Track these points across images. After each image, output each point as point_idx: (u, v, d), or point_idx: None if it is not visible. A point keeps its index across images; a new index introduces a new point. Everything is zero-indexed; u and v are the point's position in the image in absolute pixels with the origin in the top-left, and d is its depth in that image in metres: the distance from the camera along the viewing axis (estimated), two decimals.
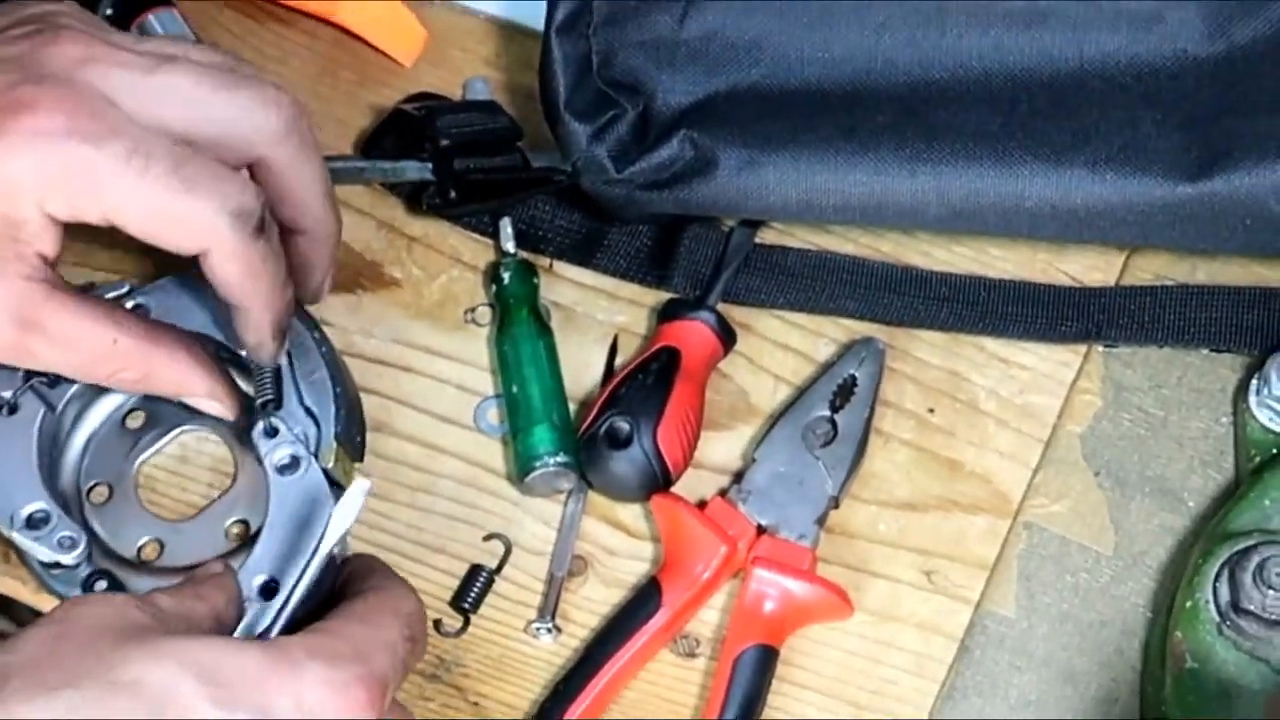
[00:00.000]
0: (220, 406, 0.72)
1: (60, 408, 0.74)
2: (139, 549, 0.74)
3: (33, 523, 0.71)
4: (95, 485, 0.75)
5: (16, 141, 0.64)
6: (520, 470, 0.75)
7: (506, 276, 0.78)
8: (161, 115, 0.66)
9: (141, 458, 0.76)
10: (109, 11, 0.83)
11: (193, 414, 0.74)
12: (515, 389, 0.76)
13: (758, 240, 0.79)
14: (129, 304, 0.74)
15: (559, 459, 0.74)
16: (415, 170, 0.78)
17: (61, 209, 0.65)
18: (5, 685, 0.54)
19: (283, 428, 0.71)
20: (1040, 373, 0.78)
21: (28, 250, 0.65)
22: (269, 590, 0.67)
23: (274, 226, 0.68)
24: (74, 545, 0.71)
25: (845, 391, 0.75)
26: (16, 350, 0.67)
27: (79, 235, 0.67)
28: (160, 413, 0.76)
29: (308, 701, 0.57)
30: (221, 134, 0.67)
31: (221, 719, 0.55)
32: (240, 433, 0.74)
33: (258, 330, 0.70)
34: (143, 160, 0.64)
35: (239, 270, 0.67)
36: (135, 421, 0.76)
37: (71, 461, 0.75)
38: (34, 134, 0.63)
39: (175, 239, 0.66)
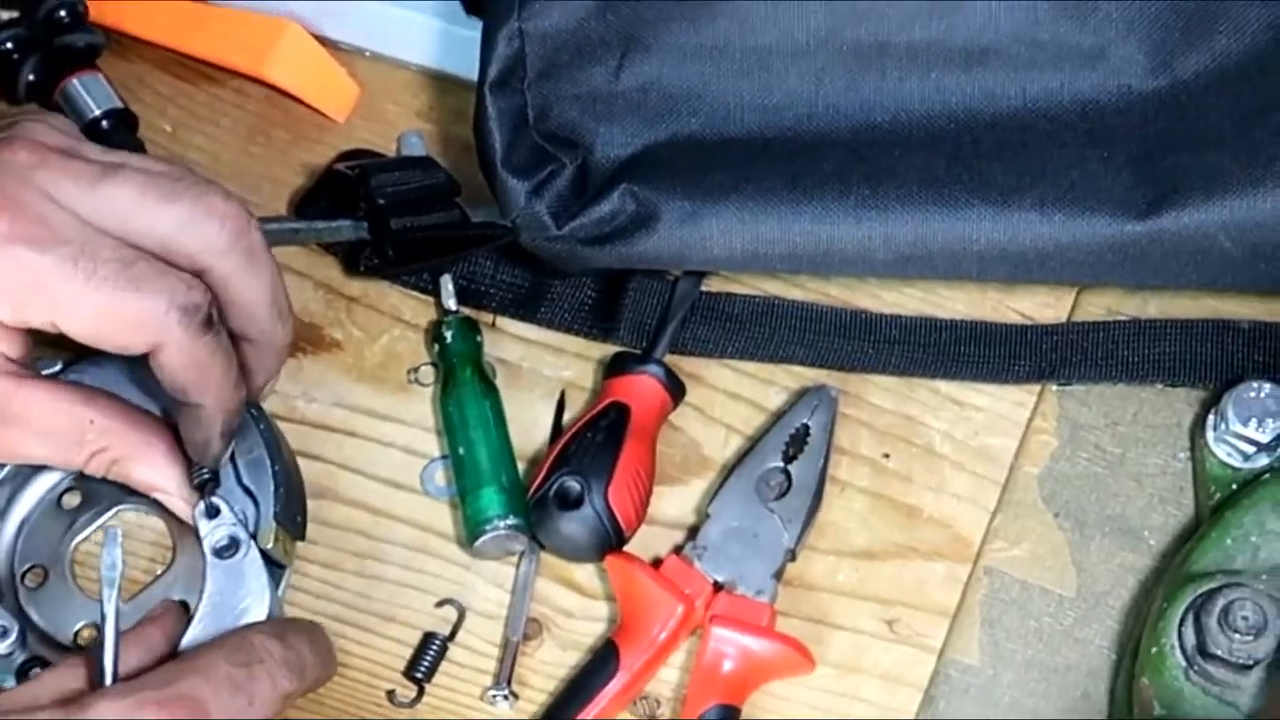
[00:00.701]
0: (185, 507, 0.70)
1: None
2: (76, 633, 0.72)
3: None
4: (30, 569, 0.73)
5: None
6: (470, 534, 0.73)
7: (449, 335, 0.77)
8: (105, 224, 0.65)
9: (78, 538, 0.74)
10: (30, 77, 0.81)
11: (130, 492, 0.72)
12: (462, 451, 0.75)
13: (704, 287, 0.78)
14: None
15: (509, 521, 0.73)
16: (350, 229, 0.76)
17: (7, 314, 0.64)
18: None
19: (224, 508, 0.69)
20: (995, 413, 0.77)
21: None
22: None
23: (222, 327, 0.67)
24: (5, 634, 0.69)
25: (798, 441, 0.74)
26: None
27: None
28: (97, 491, 0.74)
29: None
30: (165, 244, 0.66)
31: None
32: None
33: (207, 428, 0.68)
34: (89, 263, 0.64)
35: (188, 365, 0.65)
36: (72, 500, 0.74)
37: (4, 546, 0.73)
38: None
39: (123, 339, 0.64)
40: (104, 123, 0.81)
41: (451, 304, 0.78)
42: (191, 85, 0.84)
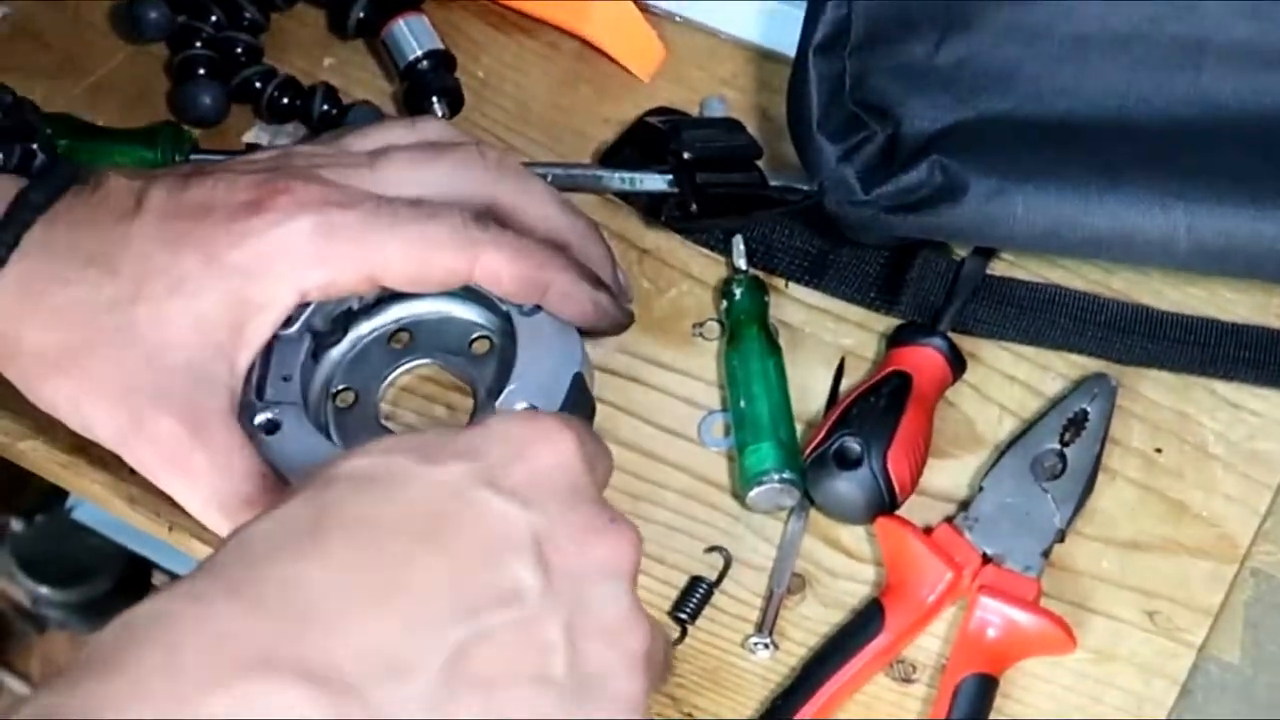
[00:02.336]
0: None
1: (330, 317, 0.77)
2: None
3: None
4: (344, 389, 0.77)
5: (278, 216, 0.68)
6: (745, 485, 0.75)
7: (738, 292, 0.79)
8: (387, 191, 0.70)
9: (395, 373, 0.78)
10: (360, 15, 0.85)
11: (453, 353, 0.78)
12: (743, 404, 0.77)
13: (987, 272, 0.80)
14: None
15: (784, 475, 0.75)
16: (655, 181, 0.79)
17: (320, 276, 0.68)
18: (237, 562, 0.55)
19: None
20: (1271, 419, 0.77)
21: (258, 332, 0.69)
22: None
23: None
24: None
25: (1075, 426, 0.75)
26: (153, 473, 0.68)
27: None
28: (426, 341, 0.79)
29: (501, 436, 0.58)
30: (444, 192, 0.71)
31: (435, 468, 0.56)
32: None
33: (579, 296, 0.72)
34: (390, 209, 0.69)
35: (512, 257, 0.70)
36: (402, 339, 0.79)
37: (333, 361, 0.78)
38: (294, 207, 0.68)
39: (441, 261, 0.69)
40: (424, 62, 0.85)
41: (742, 263, 0.80)
42: (505, 35, 0.88)
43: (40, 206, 0.68)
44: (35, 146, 0.73)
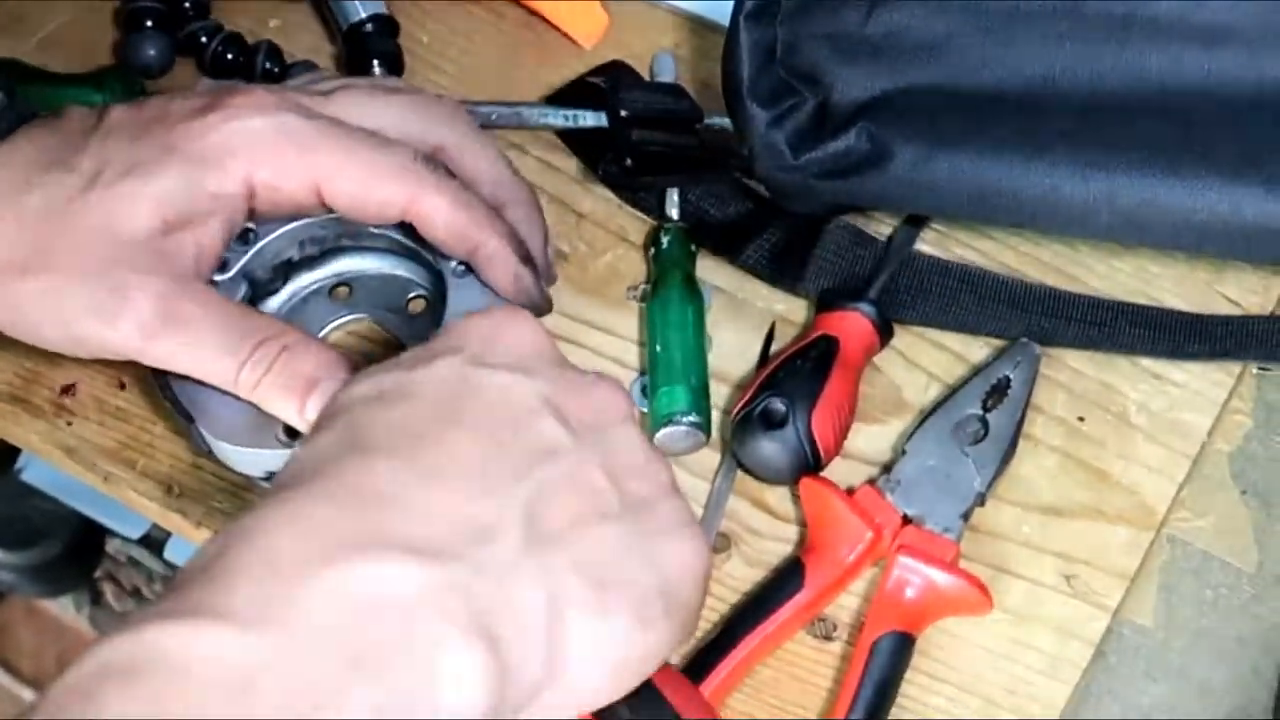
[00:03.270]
0: None
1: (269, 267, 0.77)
2: None
3: None
4: None
5: (233, 111, 0.70)
6: (654, 426, 0.77)
7: (665, 240, 0.81)
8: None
9: (331, 326, 0.80)
10: None
11: (391, 311, 0.79)
12: (659, 348, 0.78)
13: (914, 248, 0.81)
14: None
15: (691, 419, 0.76)
16: (592, 118, 0.81)
17: (268, 174, 0.69)
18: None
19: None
20: (1192, 390, 0.78)
21: (208, 229, 0.70)
22: None
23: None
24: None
25: (999, 392, 0.76)
26: (149, 338, 0.69)
27: None
28: (367, 298, 0.80)
29: (472, 328, 0.61)
30: (397, 129, 0.73)
31: (428, 368, 0.59)
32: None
33: (505, 261, 0.73)
34: (344, 130, 0.71)
35: (452, 204, 0.71)
36: (342, 293, 0.80)
37: (273, 309, 0.78)
38: (251, 107, 0.70)
39: (384, 191, 0.70)
40: (368, 25, 0.86)
41: (674, 214, 0.81)
42: (451, 2, 0.89)
43: (3, 132, 0.70)
44: None
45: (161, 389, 0.73)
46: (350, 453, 0.56)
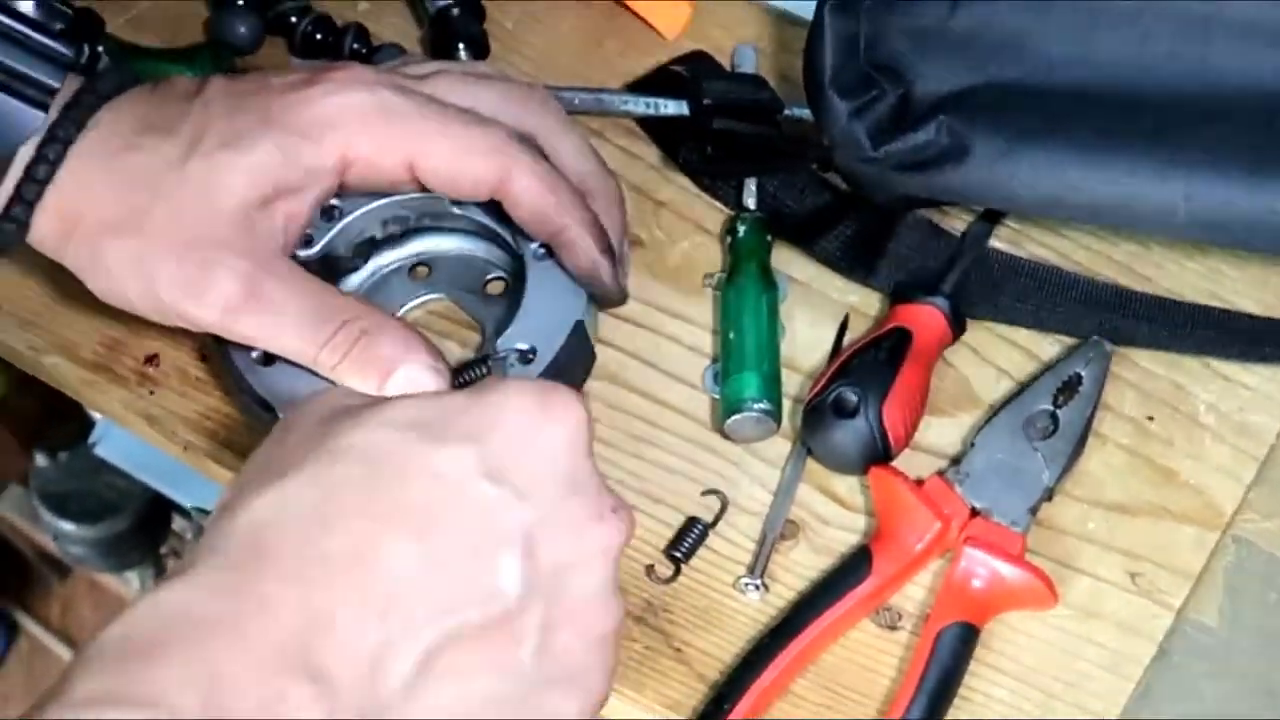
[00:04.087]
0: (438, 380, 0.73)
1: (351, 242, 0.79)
2: None
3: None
4: None
5: (331, 86, 0.71)
6: (725, 412, 0.78)
7: (742, 229, 0.82)
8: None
9: (411, 304, 0.81)
10: None
11: (470, 292, 0.80)
12: (732, 335, 0.79)
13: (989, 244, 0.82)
14: None
15: (762, 405, 0.77)
16: (674, 107, 0.82)
17: (365, 148, 0.71)
18: (242, 491, 0.59)
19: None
20: (1262, 393, 0.79)
21: (300, 202, 0.71)
22: (526, 358, 0.74)
23: None
24: None
25: (1069, 388, 0.77)
26: (231, 315, 0.70)
27: None
28: (446, 276, 0.81)
29: (509, 416, 0.60)
30: (490, 109, 0.74)
31: (437, 453, 0.59)
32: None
33: (585, 249, 0.74)
34: (440, 108, 0.72)
35: (540, 186, 0.72)
36: (422, 273, 0.81)
37: (353, 286, 0.80)
38: (351, 81, 0.72)
39: (477, 168, 0.72)
40: (454, 9, 0.87)
41: (751, 203, 0.82)
42: None
43: (106, 94, 0.71)
44: (101, 50, 0.76)
45: (236, 381, 0.75)
46: (308, 531, 0.57)
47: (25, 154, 0.69)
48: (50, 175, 0.69)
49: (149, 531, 1.60)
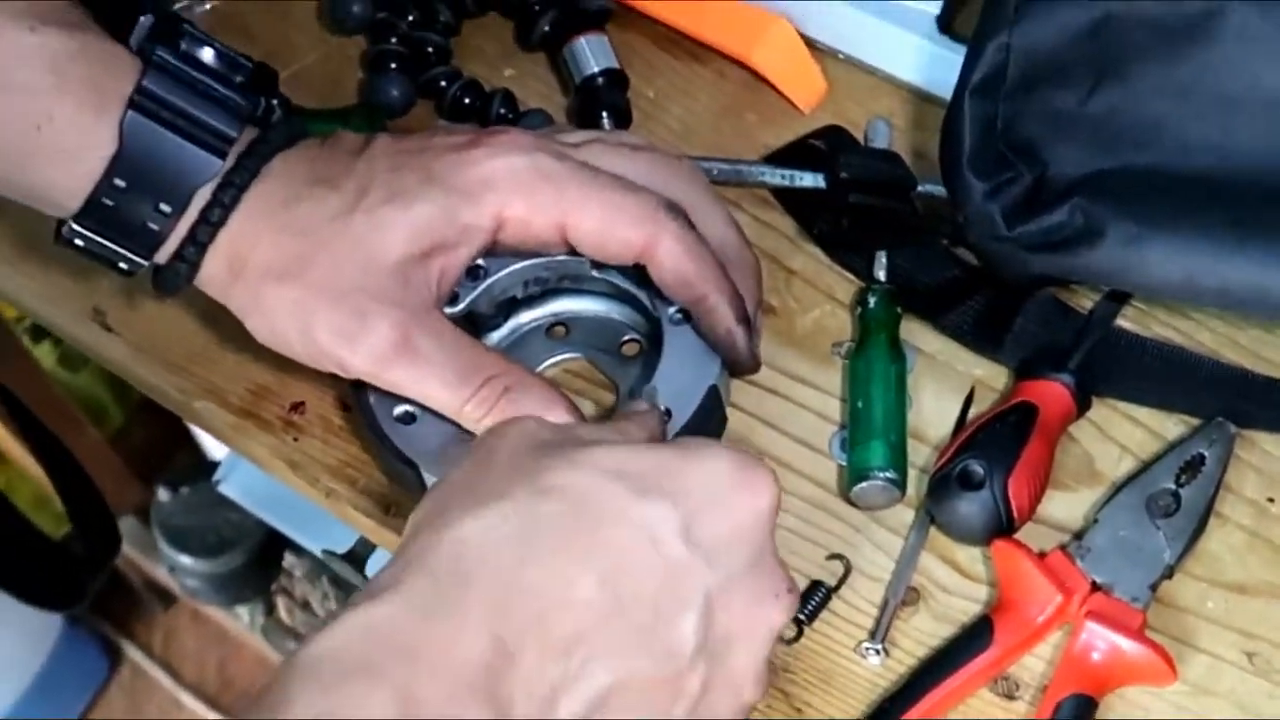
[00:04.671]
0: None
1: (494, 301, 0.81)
2: None
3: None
4: None
5: (492, 149, 0.74)
6: (851, 480, 0.80)
7: (872, 301, 0.84)
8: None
9: (548, 363, 0.84)
10: (545, 29, 0.91)
11: (603, 350, 0.83)
12: (860, 404, 0.81)
13: (1116, 324, 0.83)
14: None
15: (888, 475, 0.79)
16: (809, 179, 0.84)
17: (521, 209, 0.74)
18: (447, 508, 0.63)
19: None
20: None
21: (454, 259, 0.74)
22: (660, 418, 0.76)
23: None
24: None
25: (1192, 468, 0.78)
26: (383, 364, 0.73)
27: None
28: (582, 337, 0.84)
29: (711, 480, 0.64)
30: (640, 178, 0.76)
31: (640, 505, 0.62)
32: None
33: (723, 317, 0.76)
34: (592, 173, 0.75)
35: (686, 253, 0.75)
36: (556, 335, 0.84)
37: (493, 344, 0.83)
38: (511, 145, 0.74)
39: (625, 233, 0.74)
40: (599, 79, 0.90)
41: (881, 275, 0.84)
42: (678, 61, 0.93)
43: (279, 145, 0.74)
44: (275, 103, 0.80)
45: (377, 436, 0.77)
46: (508, 557, 0.61)
47: (201, 198, 0.73)
48: (224, 219, 0.73)
49: (262, 568, 1.63)
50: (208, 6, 0.95)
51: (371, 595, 0.60)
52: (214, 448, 1.64)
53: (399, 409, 0.76)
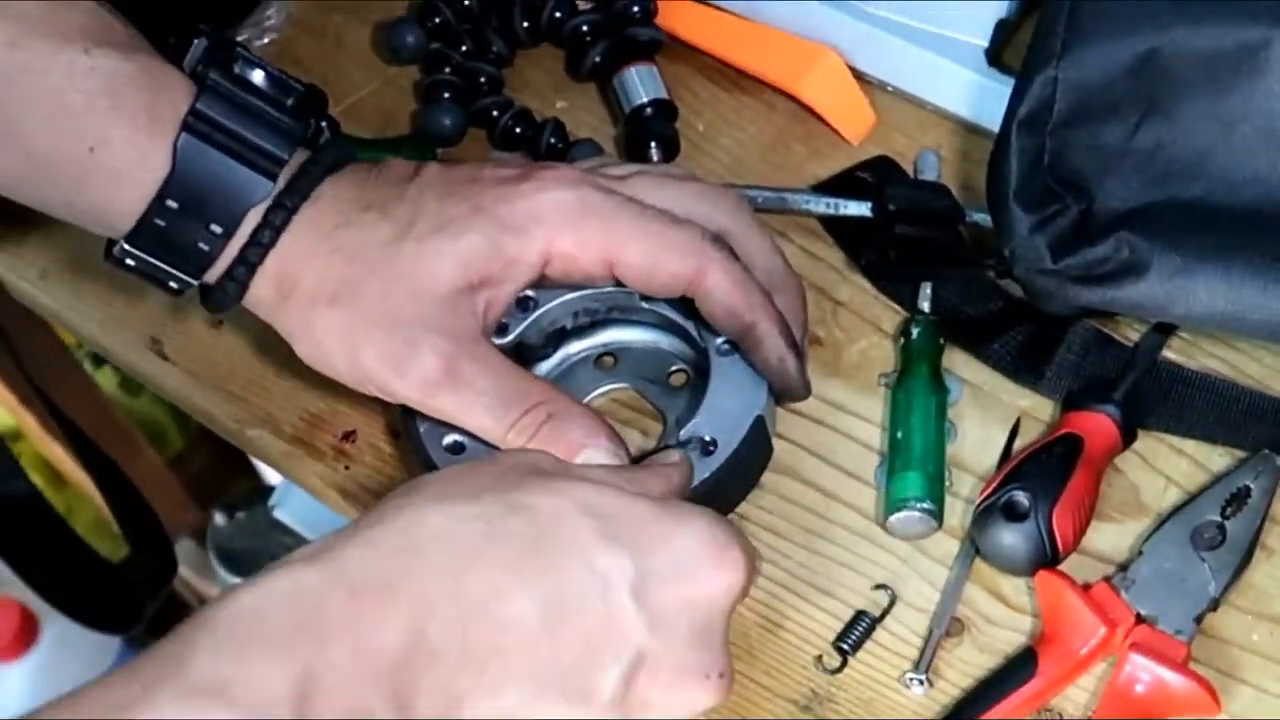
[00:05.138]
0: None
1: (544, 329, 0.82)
2: None
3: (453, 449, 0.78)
4: None
5: (541, 183, 0.75)
6: (888, 510, 0.80)
7: (915, 332, 0.84)
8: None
9: (597, 392, 0.84)
10: (596, 59, 0.92)
11: (651, 381, 0.84)
12: (899, 434, 0.81)
13: (1162, 355, 0.83)
14: None
15: (925, 505, 0.79)
16: (855, 208, 0.85)
17: (568, 244, 0.74)
18: (417, 495, 0.64)
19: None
20: None
21: (501, 291, 0.74)
22: (708, 449, 0.77)
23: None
24: None
25: (1238, 500, 0.78)
26: (429, 391, 0.74)
27: None
28: (630, 366, 0.85)
29: (682, 547, 0.64)
30: (685, 213, 0.77)
31: (603, 550, 0.63)
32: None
33: (774, 345, 0.77)
34: (640, 207, 0.75)
35: (733, 283, 0.75)
36: (608, 362, 0.85)
37: (543, 373, 0.83)
38: (558, 180, 0.75)
39: (673, 265, 0.75)
40: (648, 110, 0.90)
41: (925, 306, 0.85)
42: (726, 92, 0.94)
43: (330, 167, 0.75)
44: (324, 125, 0.81)
45: (426, 466, 0.77)
46: (461, 559, 0.62)
47: (252, 219, 0.74)
48: (274, 240, 0.73)
49: None
50: (266, 40, 0.96)
51: (307, 558, 0.61)
52: (270, 473, 1.65)
53: (448, 438, 0.77)
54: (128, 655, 1.80)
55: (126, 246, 0.74)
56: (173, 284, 0.76)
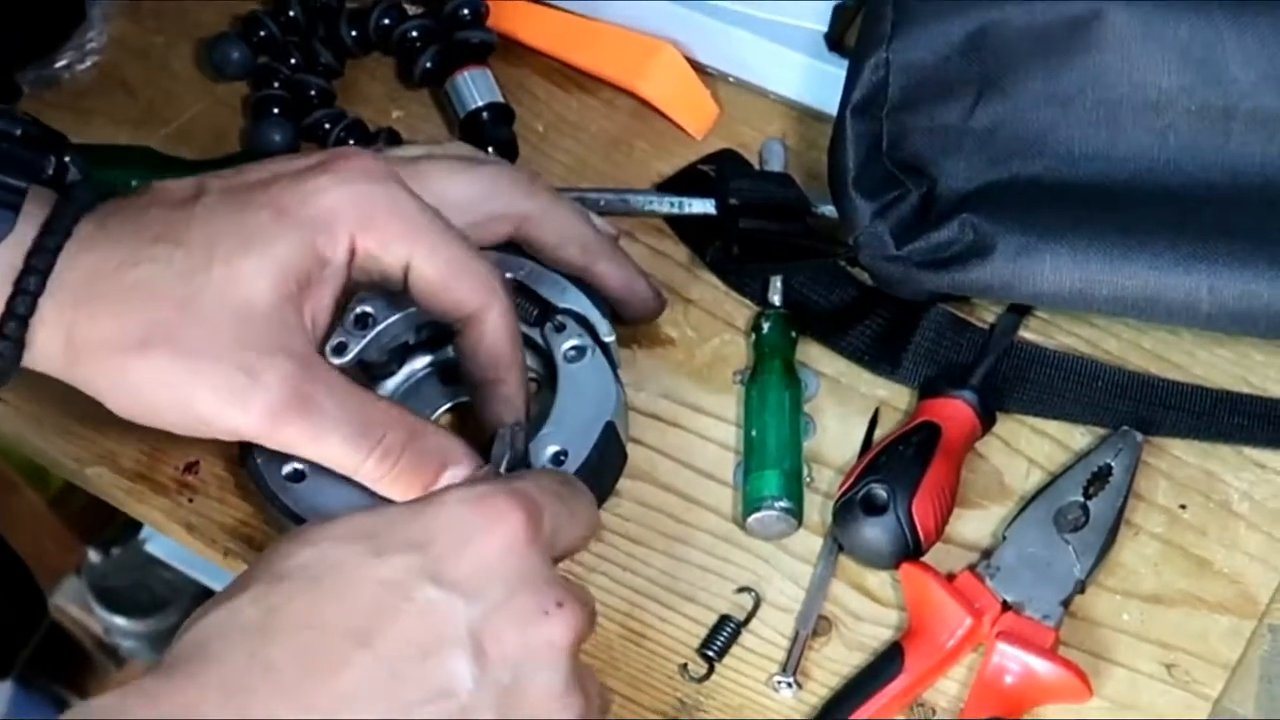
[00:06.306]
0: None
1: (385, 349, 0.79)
2: None
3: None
4: None
5: (343, 175, 0.71)
6: (746, 510, 0.78)
7: (766, 326, 0.83)
8: (428, 190, 0.73)
9: (444, 408, 0.82)
10: (427, 64, 0.90)
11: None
12: (754, 432, 0.80)
13: (1017, 335, 0.82)
14: None
15: (783, 504, 0.78)
16: (700, 205, 0.83)
17: (371, 242, 0.71)
18: (200, 610, 0.61)
19: (569, 323, 0.78)
20: None
21: (322, 295, 0.71)
22: (559, 459, 0.75)
23: None
24: None
25: (1099, 479, 0.77)
26: (277, 422, 0.70)
27: None
28: None
29: (449, 523, 0.62)
30: (483, 201, 0.76)
31: (381, 562, 0.60)
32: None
33: (514, 405, 0.75)
34: (445, 222, 0.72)
35: (507, 333, 0.74)
36: (454, 376, 0.82)
37: (387, 391, 0.81)
38: (361, 171, 0.71)
39: (462, 291, 0.72)
40: (484, 114, 0.89)
41: (776, 299, 0.83)
42: (565, 92, 0.92)
43: (87, 205, 0.70)
44: (68, 160, 0.74)
45: (267, 496, 0.76)
46: (250, 644, 0.59)
47: (11, 266, 0.68)
48: (40, 288, 0.68)
49: None
50: (88, 64, 0.93)
51: (124, 689, 0.58)
52: None
53: (287, 467, 0.75)
54: (22, 696, 1.76)
55: None
56: None
